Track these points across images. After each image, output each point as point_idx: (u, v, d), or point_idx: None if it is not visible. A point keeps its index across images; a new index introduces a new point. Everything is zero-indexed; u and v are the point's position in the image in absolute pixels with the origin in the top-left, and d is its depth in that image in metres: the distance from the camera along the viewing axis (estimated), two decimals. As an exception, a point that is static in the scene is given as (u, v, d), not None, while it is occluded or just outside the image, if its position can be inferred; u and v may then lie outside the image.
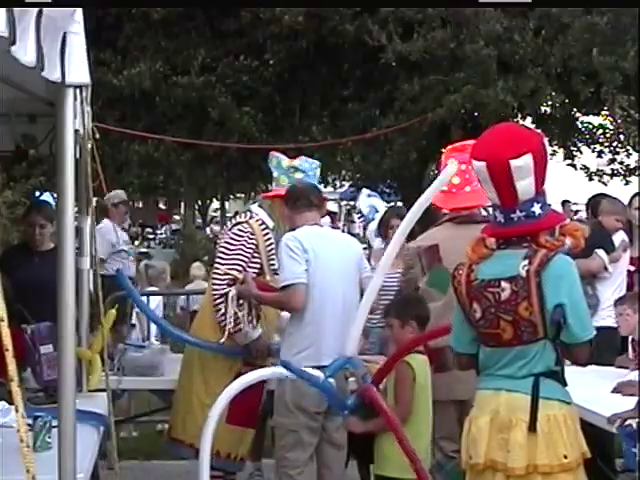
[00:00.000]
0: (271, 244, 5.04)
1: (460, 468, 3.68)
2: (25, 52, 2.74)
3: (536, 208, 3.37)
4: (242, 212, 5.56)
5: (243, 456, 5.25)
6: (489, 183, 3.38)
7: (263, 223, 5.08)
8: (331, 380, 4.38)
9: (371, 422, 4.52)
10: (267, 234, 5.07)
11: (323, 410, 4.69)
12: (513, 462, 3.29)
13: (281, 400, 4.69)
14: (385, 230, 6.31)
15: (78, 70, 3.32)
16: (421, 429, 4.56)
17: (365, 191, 10.16)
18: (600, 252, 6.60)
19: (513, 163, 3.30)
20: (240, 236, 5.00)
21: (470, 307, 3.45)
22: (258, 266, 5.01)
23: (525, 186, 3.32)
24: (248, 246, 4.99)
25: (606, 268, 6.64)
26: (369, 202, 8.98)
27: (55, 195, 3.53)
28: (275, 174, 5.20)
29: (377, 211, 8.49)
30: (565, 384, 3.42)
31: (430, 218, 5.25)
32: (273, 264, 5.03)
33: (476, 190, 4.91)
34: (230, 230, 5.10)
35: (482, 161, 3.38)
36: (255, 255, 5.00)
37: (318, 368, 4.44)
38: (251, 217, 5.09)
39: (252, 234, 5.01)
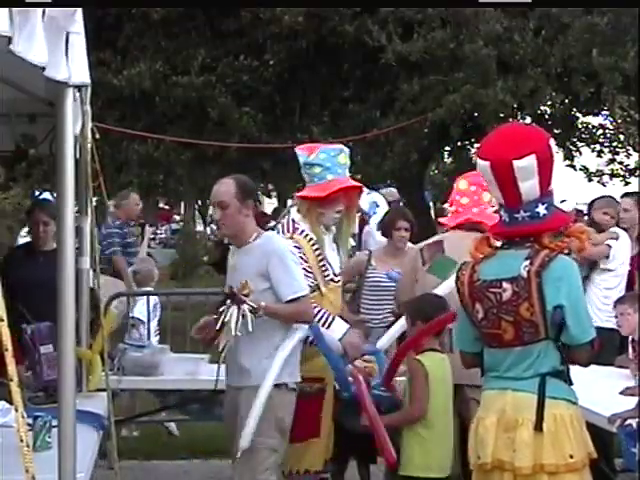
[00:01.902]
0: (320, 254, 4.74)
1: None
2: (34, 52, 2.74)
3: (541, 209, 3.37)
4: (282, 215, 5.22)
5: (309, 468, 4.87)
6: (493, 183, 3.39)
7: (307, 234, 4.73)
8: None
9: (387, 416, 4.56)
10: (314, 244, 4.74)
11: None
12: (519, 461, 3.29)
13: (272, 418, 4.30)
14: (390, 231, 6.28)
15: (79, 70, 3.32)
16: (440, 429, 4.54)
17: (364, 190, 10.17)
18: (610, 241, 6.69)
19: (516, 164, 3.30)
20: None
21: (473, 307, 3.46)
22: (313, 282, 4.64)
23: (529, 187, 3.32)
24: (302, 266, 4.58)
25: (608, 256, 6.70)
26: (369, 198, 8.94)
27: (55, 194, 3.54)
28: (302, 172, 4.92)
29: (378, 205, 8.46)
30: (571, 383, 3.42)
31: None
32: (327, 274, 4.76)
33: (483, 212, 4.95)
34: None
35: (486, 161, 3.38)
36: (308, 271, 4.64)
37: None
38: (295, 230, 4.73)
39: (298, 248, 4.62)
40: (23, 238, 10.38)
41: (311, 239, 4.75)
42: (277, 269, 4.30)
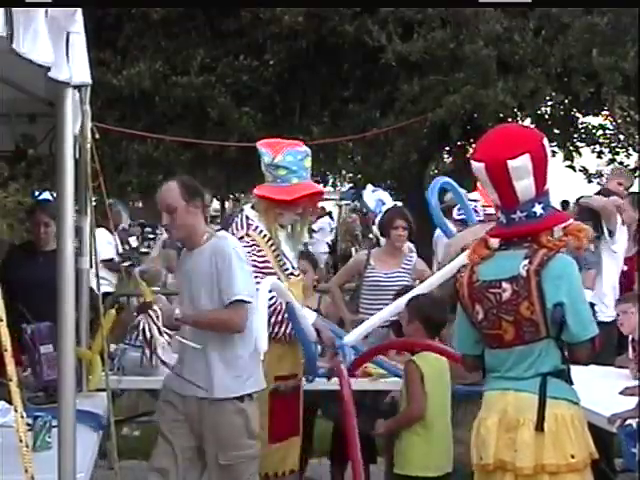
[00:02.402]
0: (276, 249, 4.71)
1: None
2: (39, 53, 2.75)
3: (537, 208, 3.37)
4: (236, 213, 5.18)
5: (294, 468, 4.82)
6: (489, 184, 3.40)
7: (262, 230, 4.71)
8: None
9: (388, 421, 4.58)
10: (269, 240, 4.71)
11: None
12: (521, 462, 3.30)
13: (244, 429, 4.18)
14: (388, 230, 6.29)
15: (79, 70, 3.33)
16: (438, 428, 4.54)
17: (369, 187, 10.19)
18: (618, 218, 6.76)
19: (510, 164, 3.30)
20: (248, 254, 4.47)
21: (472, 309, 3.46)
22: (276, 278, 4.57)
23: (524, 186, 3.33)
24: (260, 262, 4.59)
25: (612, 233, 6.76)
26: (375, 196, 8.93)
27: (55, 194, 3.54)
28: (262, 168, 4.85)
29: (384, 203, 8.47)
30: (571, 382, 3.42)
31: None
32: (287, 269, 4.72)
33: None
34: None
35: (481, 162, 3.39)
36: (269, 268, 4.61)
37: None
38: (249, 227, 4.69)
39: (258, 247, 4.62)
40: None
41: (265, 235, 4.72)
42: (221, 270, 4.17)
